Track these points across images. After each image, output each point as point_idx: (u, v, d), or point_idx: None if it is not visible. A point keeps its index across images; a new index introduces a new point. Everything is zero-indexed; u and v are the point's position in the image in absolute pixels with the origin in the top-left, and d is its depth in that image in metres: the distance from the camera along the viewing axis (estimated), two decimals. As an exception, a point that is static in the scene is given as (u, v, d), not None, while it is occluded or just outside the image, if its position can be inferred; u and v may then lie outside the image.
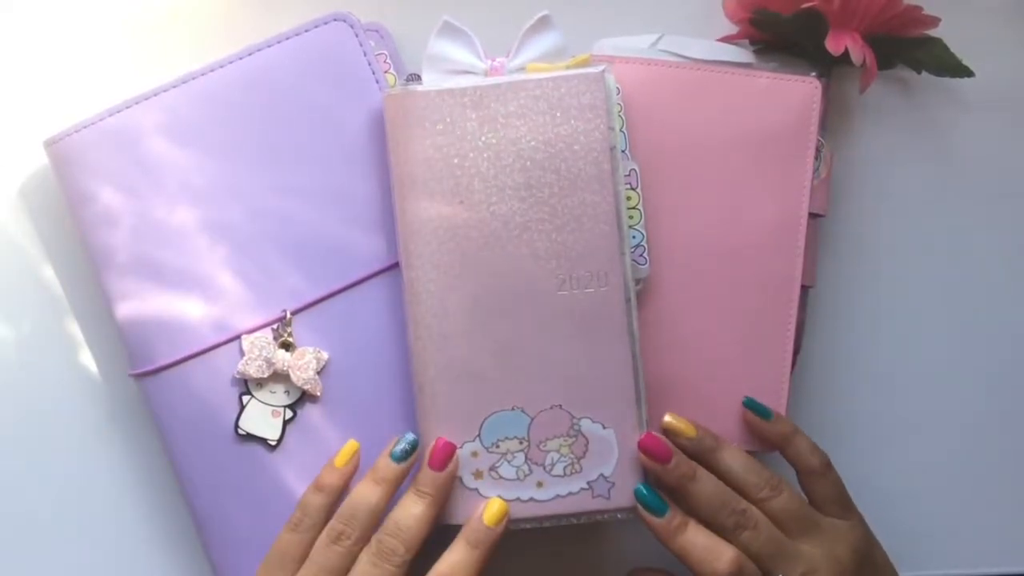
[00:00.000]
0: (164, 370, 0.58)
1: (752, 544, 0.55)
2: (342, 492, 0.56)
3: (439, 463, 0.55)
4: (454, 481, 0.56)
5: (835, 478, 0.59)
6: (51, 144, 0.59)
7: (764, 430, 0.59)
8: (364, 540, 0.54)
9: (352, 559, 0.54)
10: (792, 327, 0.60)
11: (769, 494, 0.56)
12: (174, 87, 0.59)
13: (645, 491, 0.56)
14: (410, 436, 0.56)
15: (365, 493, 0.55)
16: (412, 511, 0.54)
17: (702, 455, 0.57)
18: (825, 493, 0.58)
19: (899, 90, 0.67)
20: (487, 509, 0.55)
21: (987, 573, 0.66)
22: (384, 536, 0.54)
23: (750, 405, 0.59)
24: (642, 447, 0.56)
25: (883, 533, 0.59)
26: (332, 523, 0.54)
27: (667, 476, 0.56)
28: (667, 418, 0.57)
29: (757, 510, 0.56)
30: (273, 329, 0.59)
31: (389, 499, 0.55)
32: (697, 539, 0.55)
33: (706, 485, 0.56)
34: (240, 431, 0.58)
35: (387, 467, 0.55)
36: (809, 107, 0.61)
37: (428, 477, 0.55)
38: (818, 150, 0.61)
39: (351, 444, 0.57)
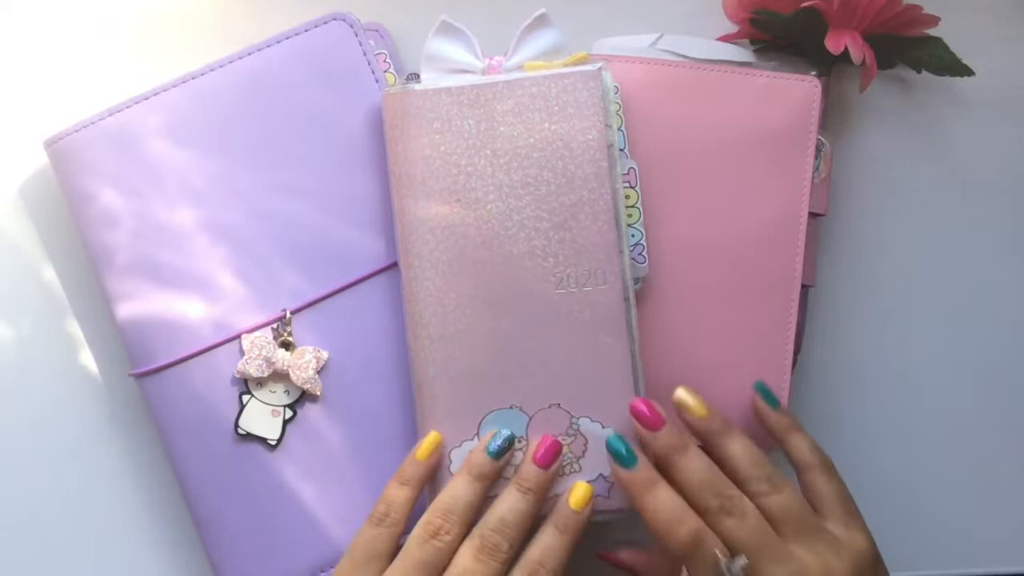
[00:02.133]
0: (164, 370, 0.58)
1: (735, 532, 0.52)
2: (424, 485, 0.55)
3: (546, 461, 0.54)
4: (555, 479, 0.55)
5: (836, 481, 0.56)
6: (51, 144, 0.59)
7: (768, 417, 0.58)
8: (462, 537, 0.53)
9: (450, 555, 0.52)
10: (792, 327, 0.60)
11: (768, 489, 0.54)
12: (174, 87, 0.59)
13: (616, 440, 0.55)
14: (506, 432, 0.55)
15: (462, 489, 0.54)
16: (517, 506, 0.53)
17: (709, 437, 0.55)
18: (823, 492, 0.55)
19: (899, 90, 0.67)
20: (572, 494, 0.54)
21: (987, 573, 0.66)
22: (487, 531, 0.53)
23: (761, 389, 0.58)
24: (632, 410, 0.55)
25: (883, 532, 0.59)
26: (428, 518, 0.53)
27: (655, 443, 0.54)
28: (680, 391, 0.56)
29: (748, 501, 0.53)
30: (273, 328, 0.59)
31: (485, 495, 0.54)
32: (664, 501, 0.53)
33: (694, 462, 0.54)
34: (240, 431, 0.58)
35: (484, 463, 0.54)
36: (809, 106, 0.60)
37: (533, 473, 0.54)
38: (818, 149, 0.61)
39: (434, 436, 0.55)
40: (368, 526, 0.54)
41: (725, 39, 0.65)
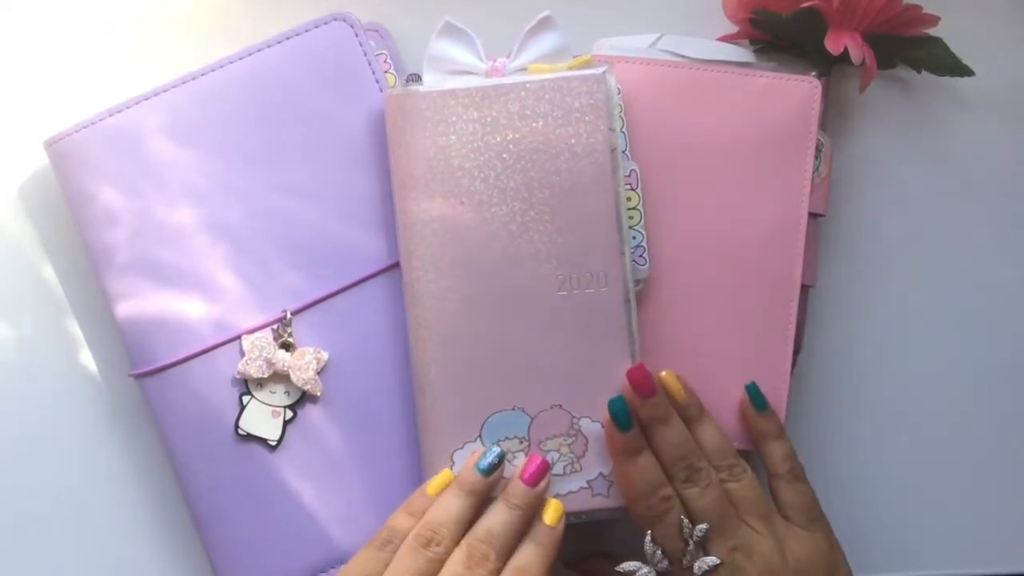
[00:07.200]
0: (164, 370, 0.58)
1: (695, 501, 0.55)
2: None
3: (533, 480, 0.55)
4: (543, 498, 0.56)
5: (804, 489, 0.58)
6: (51, 144, 0.59)
7: (750, 419, 0.59)
8: (452, 549, 0.53)
9: (440, 565, 0.53)
10: (792, 327, 0.60)
11: (727, 477, 0.56)
12: (174, 87, 0.59)
13: (620, 403, 0.56)
14: (496, 450, 0.55)
15: (454, 503, 0.54)
16: (505, 520, 0.54)
17: (684, 420, 0.57)
18: (787, 500, 0.58)
19: (899, 90, 0.67)
20: (547, 512, 0.55)
21: (987, 573, 0.66)
22: (476, 541, 0.53)
23: (751, 391, 0.59)
24: (629, 376, 0.56)
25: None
26: (419, 529, 0.54)
27: (642, 410, 0.56)
28: (665, 373, 0.57)
29: (715, 475, 0.56)
30: (273, 329, 0.59)
31: (476, 511, 0.55)
32: (645, 468, 0.55)
33: (673, 434, 0.56)
34: (240, 431, 0.58)
35: (475, 480, 0.55)
36: (809, 107, 0.61)
37: (520, 491, 0.55)
38: (818, 149, 0.61)
39: (446, 474, 0.56)
40: (368, 549, 0.54)
41: (725, 39, 0.65)
